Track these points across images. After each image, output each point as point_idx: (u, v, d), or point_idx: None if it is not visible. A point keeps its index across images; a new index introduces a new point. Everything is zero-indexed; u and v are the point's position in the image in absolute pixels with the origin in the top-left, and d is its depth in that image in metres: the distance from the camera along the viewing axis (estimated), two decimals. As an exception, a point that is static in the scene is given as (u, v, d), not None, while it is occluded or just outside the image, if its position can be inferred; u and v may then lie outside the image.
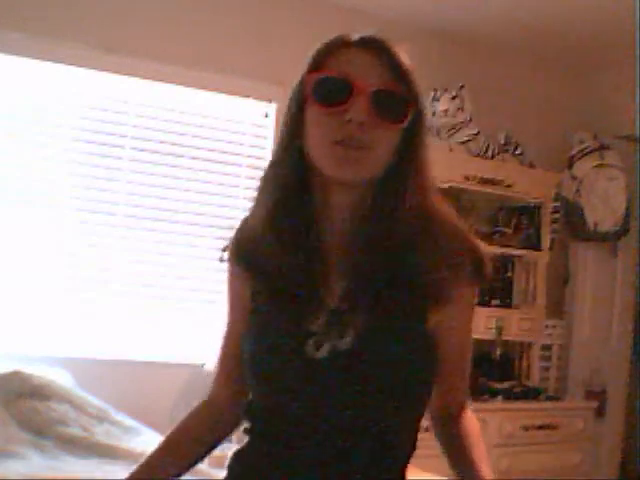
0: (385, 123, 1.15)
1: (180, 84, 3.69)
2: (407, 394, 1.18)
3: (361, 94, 1.13)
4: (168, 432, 1.33)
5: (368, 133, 1.14)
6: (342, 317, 1.17)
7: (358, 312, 1.17)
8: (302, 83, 1.21)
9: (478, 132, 4.02)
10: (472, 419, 1.34)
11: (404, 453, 1.24)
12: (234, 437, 3.76)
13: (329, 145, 1.15)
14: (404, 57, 1.20)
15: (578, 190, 4.29)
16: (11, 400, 2.86)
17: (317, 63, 1.20)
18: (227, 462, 1.32)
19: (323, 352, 1.15)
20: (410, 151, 1.19)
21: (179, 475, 1.35)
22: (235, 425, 1.40)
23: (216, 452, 3.68)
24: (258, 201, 1.25)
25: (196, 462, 1.39)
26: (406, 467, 1.25)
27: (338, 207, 1.21)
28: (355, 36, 1.20)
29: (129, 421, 3.02)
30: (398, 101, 1.16)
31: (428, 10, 3.92)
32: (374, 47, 1.18)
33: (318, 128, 1.16)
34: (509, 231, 4.24)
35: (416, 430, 1.25)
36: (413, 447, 1.25)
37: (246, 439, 1.29)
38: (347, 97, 1.14)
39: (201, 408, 1.42)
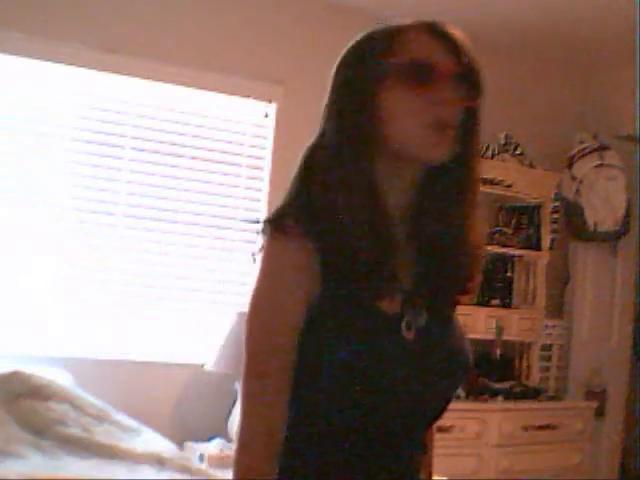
0: (465, 102, 1.21)
1: (180, 84, 3.69)
2: (463, 373, 1.26)
3: (446, 76, 1.19)
4: (168, 432, 1.32)
5: (456, 113, 1.19)
6: (416, 297, 1.22)
7: (428, 292, 1.23)
8: (371, 68, 1.22)
9: (478, 132, 4.02)
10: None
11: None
12: (234, 437, 3.73)
13: (420, 129, 1.18)
14: (468, 42, 1.27)
15: (578, 190, 4.30)
16: (11, 400, 2.86)
17: (391, 48, 1.23)
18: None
19: (412, 332, 1.21)
20: (474, 132, 1.24)
21: None
22: None
23: (216, 453, 3.69)
24: (324, 182, 1.20)
25: None
26: None
27: (409, 186, 1.24)
28: (419, 22, 1.28)
29: (129, 421, 3.02)
30: (475, 82, 1.23)
31: (428, 10, 3.91)
32: (440, 32, 1.25)
33: (406, 111, 1.19)
34: (509, 231, 4.24)
35: None
36: None
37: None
38: (434, 79, 1.19)
39: (262, 447, 1.18)
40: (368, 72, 1.22)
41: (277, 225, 1.16)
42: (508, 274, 4.30)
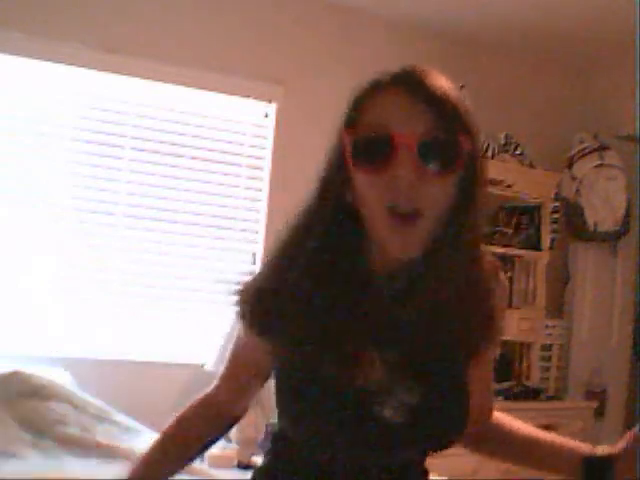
0: (435, 176, 1.04)
1: (180, 84, 3.69)
2: (449, 440, 1.19)
3: (406, 148, 1.02)
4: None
5: (417, 191, 1.03)
6: (403, 373, 1.11)
7: (417, 368, 1.12)
8: (342, 144, 1.09)
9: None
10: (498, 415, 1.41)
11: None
12: (233, 437, 3.74)
13: (381, 212, 1.05)
14: (449, 89, 1.07)
15: (578, 190, 4.29)
16: (11, 400, 2.86)
17: (354, 116, 1.09)
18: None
19: (390, 412, 1.09)
20: (465, 205, 1.08)
21: (174, 472, 1.37)
22: (232, 424, 1.41)
23: (216, 453, 3.67)
24: (288, 257, 1.14)
25: (192, 460, 1.40)
26: None
27: (389, 263, 1.11)
28: (390, 75, 1.09)
29: (129, 421, 3.02)
30: (448, 148, 1.04)
31: (428, 10, 3.92)
32: (412, 86, 1.05)
33: (367, 191, 1.06)
34: (509, 231, 4.24)
35: None
36: None
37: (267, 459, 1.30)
38: (390, 155, 1.03)
39: (198, 406, 1.40)
40: (336, 147, 1.11)
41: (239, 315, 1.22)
42: (508, 274, 4.29)
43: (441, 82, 1.07)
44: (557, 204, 4.32)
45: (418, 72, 1.07)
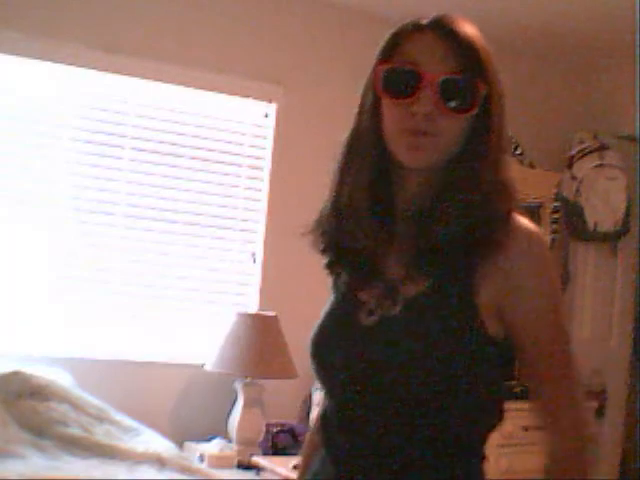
0: (452, 112, 1.20)
1: (180, 84, 3.69)
2: (447, 365, 1.19)
3: (428, 84, 1.18)
4: (168, 432, 1.34)
5: (434, 123, 1.19)
6: (395, 287, 1.23)
7: (409, 282, 1.22)
8: (373, 75, 1.26)
9: (478, 132, 4.02)
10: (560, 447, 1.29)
11: (454, 440, 1.24)
12: (233, 437, 3.74)
13: (398, 133, 1.21)
14: (475, 36, 1.23)
15: (578, 190, 4.29)
16: (11, 400, 2.86)
17: (387, 51, 1.26)
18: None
19: (373, 319, 1.23)
20: (479, 136, 1.24)
21: None
22: None
23: (216, 453, 3.67)
24: (340, 182, 1.29)
25: None
26: (464, 459, 1.27)
27: (410, 188, 1.26)
28: (425, 20, 1.26)
29: (129, 421, 3.02)
30: (466, 88, 1.20)
31: (429, 10, 3.91)
32: (443, 30, 1.22)
33: (389, 118, 1.22)
34: (509, 231, 4.23)
35: (475, 421, 1.29)
36: (474, 442, 1.29)
37: None
38: (414, 88, 1.19)
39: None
40: (371, 80, 1.27)
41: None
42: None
43: (468, 30, 1.24)
44: (557, 204, 4.32)
45: (448, 19, 1.25)
